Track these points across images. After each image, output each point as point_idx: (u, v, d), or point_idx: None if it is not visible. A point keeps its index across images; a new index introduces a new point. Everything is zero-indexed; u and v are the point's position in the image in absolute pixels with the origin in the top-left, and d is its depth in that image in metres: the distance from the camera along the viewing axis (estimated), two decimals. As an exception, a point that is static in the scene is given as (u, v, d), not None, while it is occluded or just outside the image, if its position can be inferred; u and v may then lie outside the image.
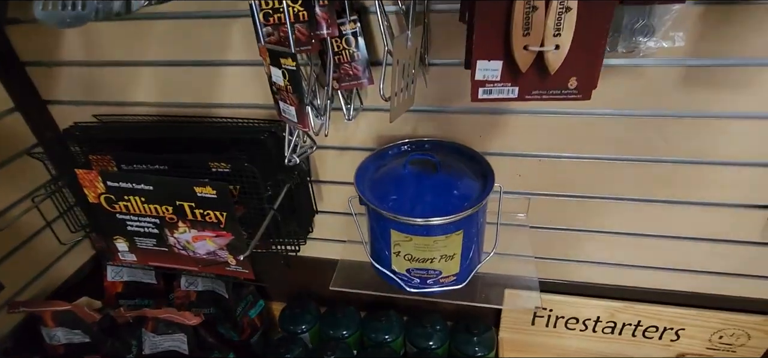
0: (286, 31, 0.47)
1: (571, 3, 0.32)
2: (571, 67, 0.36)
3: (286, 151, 0.61)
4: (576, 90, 0.37)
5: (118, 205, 0.74)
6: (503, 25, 0.34)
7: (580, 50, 0.35)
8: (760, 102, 0.58)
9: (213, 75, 0.74)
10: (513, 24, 0.34)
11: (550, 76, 0.37)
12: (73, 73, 0.80)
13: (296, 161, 0.63)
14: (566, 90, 0.37)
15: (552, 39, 0.34)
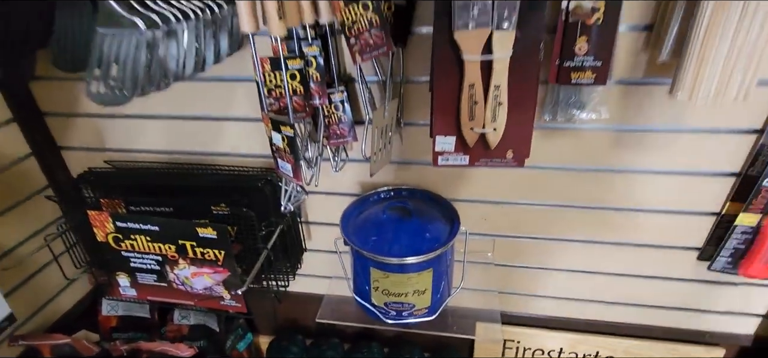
0: (285, 102, 0.58)
1: (502, 99, 0.44)
2: (507, 143, 0.47)
3: (283, 201, 0.71)
4: (513, 160, 0.49)
5: (125, 243, 0.82)
6: (455, 112, 0.46)
7: (513, 131, 0.46)
8: (670, 161, 0.71)
9: (216, 128, 0.84)
10: (461, 112, 0.45)
11: (491, 149, 0.48)
12: (87, 122, 0.89)
13: (291, 209, 0.73)
14: (504, 160, 0.48)
15: (490, 123, 0.45)
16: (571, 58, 0.59)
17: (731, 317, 0.87)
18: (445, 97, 0.46)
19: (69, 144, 0.93)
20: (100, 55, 0.47)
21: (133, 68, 0.47)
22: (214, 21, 0.60)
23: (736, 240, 0.73)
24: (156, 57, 0.48)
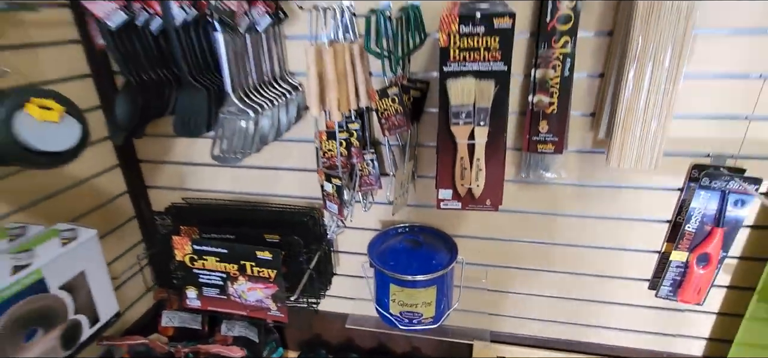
0: (335, 162, 0.83)
1: (481, 166, 0.68)
2: (486, 194, 0.71)
3: (329, 232, 0.95)
4: (491, 206, 0.72)
5: (197, 262, 1.05)
6: (451, 173, 0.70)
7: (490, 187, 0.70)
8: (619, 210, 0.94)
9: (273, 175, 1.10)
10: (455, 174, 0.69)
11: (477, 198, 0.71)
12: (170, 168, 1.16)
13: (334, 237, 0.97)
14: (485, 206, 0.72)
15: (474, 182, 0.69)
16: (536, 135, 0.84)
17: (681, 339, 1.06)
18: (445, 163, 0.71)
19: (154, 184, 1.19)
20: (222, 130, 0.73)
21: (242, 139, 0.73)
22: (287, 103, 0.87)
23: (673, 272, 0.94)
24: (257, 131, 0.74)
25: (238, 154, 0.74)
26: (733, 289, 0.96)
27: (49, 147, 0.68)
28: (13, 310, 0.71)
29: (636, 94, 0.74)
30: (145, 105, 0.91)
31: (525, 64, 0.85)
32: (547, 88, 0.81)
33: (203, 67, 0.86)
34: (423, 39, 0.85)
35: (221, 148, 0.75)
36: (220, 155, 0.74)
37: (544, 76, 0.80)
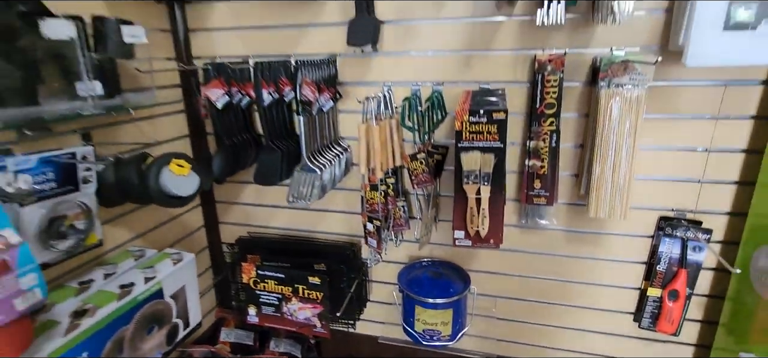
0: (375, 207, 1.10)
1: (486, 214, 0.92)
2: (490, 235, 0.95)
3: (369, 262, 1.20)
4: (493, 244, 0.96)
5: (260, 285, 1.31)
6: (464, 218, 0.95)
7: (492, 229, 0.94)
8: (604, 252, 1.16)
9: (321, 216, 1.37)
10: (467, 219, 0.94)
11: (483, 237, 0.95)
12: (239, 208, 1.45)
13: (372, 265, 1.21)
14: (489, 244, 0.96)
15: (481, 225, 0.93)
16: (532, 190, 1.09)
17: (666, 367, 1.22)
18: (458, 211, 0.96)
19: (225, 220, 1.48)
20: (297, 182, 1.02)
21: (311, 189, 1.01)
22: (340, 161, 1.15)
23: (651, 306, 1.13)
24: (321, 183, 1.02)
25: (307, 200, 1.01)
26: (703, 323, 1.14)
27: (180, 193, 0.97)
28: (144, 309, 0.98)
29: (604, 161, 0.98)
30: (234, 161, 1.21)
31: (522, 136, 1.11)
32: (539, 156, 1.06)
33: (279, 134, 1.16)
34: (443, 116, 1.13)
35: (295, 195, 1.03)
36: (294, 200, 1.01)
37: (536, 146, 1.06)
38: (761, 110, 0.95)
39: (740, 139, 0.99)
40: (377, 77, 1.17)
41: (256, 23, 1.21)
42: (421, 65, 1.13)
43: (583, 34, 1.00)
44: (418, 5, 1.08)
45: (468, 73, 1.10)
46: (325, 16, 1.15)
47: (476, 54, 1.09)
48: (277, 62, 1.14)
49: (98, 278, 1.00)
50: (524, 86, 1.08)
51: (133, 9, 1.12)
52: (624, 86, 0.92)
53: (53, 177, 0.85)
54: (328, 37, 1.17)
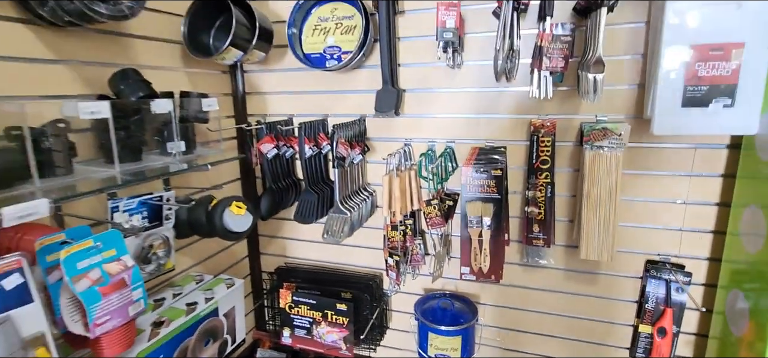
0: (395, 244, 1.29)
1: (487, 252, 1.10)
2: (491, 271, 1.12)
3: (389, 292, 1.38)
4: (494, 279, 1.13)
5: (294, 309, 1.52)
6: (469, 257, 1.12)
7: (493, 266, 1.11)
8: (601, 291, 1.29)
9: (348, 250, 1.57)
10: (471, 256, 1.11)
11: (485, 273, 1.12)
12: (277, 241, 1.67)
13: (391, 295, 1.40)
14: (490, 279, 1.13)
15: (483, 262, 1.11)
16: (531, 233, 1.26)
17: (662, 401, 1.32)
18: (465, 250, 1.15)
19: (265, 251, 1.71)
20: (330, 222, 1.23)
21: (342, 228, 1.22)
22: (366, 204, 1.36)
23: (643, 341, 1.25)
24: (351, 223, 1.23)
25: (339, 237, 1.22)
26: (694, 359, 1.25)
27: (238, 229, 1.20)
28: (204, 324, 1.20)
29: (591, 211, 1.15)
30: (278, 202, 1.45)
31: (522, 186, 1.29)
32: (536, 203, 1.24)
33: (316, 180, 1.39)
34: (455, 168, 1.33)
35: (328, 233, 1.24)
36: (328, 237, 1.23)
37: (534, 195, 1.24)
38: (727, 169, 1.10)
39: (713, 194, 1.13)
40: (399, 134, 1.39)
41: (300, 89, 1.47)
42: (436, 125, 1.35)
43: (570, 103, 1.20)
44: (432, 77, 1.31)
45: (475, 133, 1.31)
46: (357, 84, 1.40)
47: (482, 117, 1.30)
48: (317, 121, 1.39)
49: (168, 297, 1.23)
50: (523, 144, 1.27)
51: (205, 78, 1.40)
52: (604, 148, 1.10)
53: (146, 215, 1.10)
54: (359, 101, 1.41)
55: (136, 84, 1.01)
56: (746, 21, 0.91)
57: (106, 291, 0.83)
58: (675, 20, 0.95)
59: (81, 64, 1.02)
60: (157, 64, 1.23)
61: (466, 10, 1.23)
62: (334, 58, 1.32)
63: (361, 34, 1.27)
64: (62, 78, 0.99)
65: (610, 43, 1.12)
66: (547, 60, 1.07)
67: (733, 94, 0.94)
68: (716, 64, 0.94)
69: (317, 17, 1.34)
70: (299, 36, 1.35)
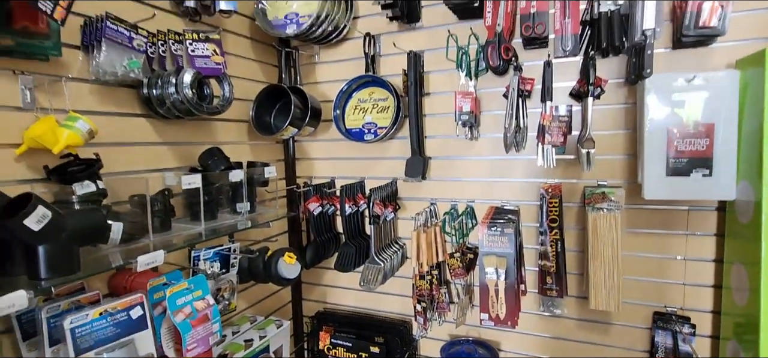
0: (423, 292, 1.47)
1: (503, 302, 1.25)
2: (507, 319, 1.27)
3: (417, 336, 1.55)
4: (511, 325, 1.27)
5: (332, 351, 1.69)
6: (487, 304, 1.29)
7: (509, 313, 1.26)
8: (613, 340, 1.40)
9: (382, 297, 1.75)
10: (489, 305, 1.27)
11: (502, 319, 1.27)
12: (316, 287, 1.88)
13: (418, 338, 1.56)
14: (506, 324, 1.27)
15: (501, 310, 1.27)
16: (545, 285, 1.41)
17: None
18: (484, 298, 1.31)
19: (307, 297, 1.92)
20: (366, 272, 1.44)
21: (376, 277, 1.42)
22: (397, 255, 1.56)
23: (657, 390, 1.33)
24: (384, 272, 1.43)
25: (374, 285, 1.42)
26: (708, 409, 1.31)
27: (289, 276, 1.43)
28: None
29: (596, 265, 1.29)
30: (321, 253, 1.68)
31: (535, 243, 1.46)
32: (548, 258, 1.40)
33: (354, 234, 1.62)
34: (474, 224, 1.52)
35: (364, 282, 1.44)
36: (364, 285, 1.43)
37: (545, 251, 1.40)
38: (719, 229, 1.24)
39: (709, 251, 1.26)
40: (426, 195, 1.61)
41: (341, 155, 1.74)
42: (458, 187, 1.56)
43: (574, 170, 1.39)
44: (454, 147, 1.54)
45: (492, 194, 1.51)
46: (390, 152, 1.65)
47: (497, 181, 1.50)
48: (355, 183, 1.64)
49: (229, 334, 1.45)
50: (535, 204, 1.45)
51: (264, 148, 1.70)
52: (603, 210, 1.27)
53: (218, 263, 1.35)
54: (391, 165, 1.66)
55: (219, 159, 1.30)
56: (715, 104, 1.10)
57: (195, 323, 1.06)
58: (654, 106, 1.14)
59: (178, 144, 1.33)
60: (230, 140, 1.54)
61: (481, 93, 1.47)
62: (371, 133, 1.59)
63: (393, 112, 1.54)
64: (165, 155, 1.30)
65: (604, 119, 1.32)
66: (549, 136, 1.28)
67: (709, 165, 1.11)
68: (692, 141, 1.11)
69: (358, 99, 1.62)
70: (342, 115, 1.63)
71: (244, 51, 1.60)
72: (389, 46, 1.59)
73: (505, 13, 1.31)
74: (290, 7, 1.52)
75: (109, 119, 1.13)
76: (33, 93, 0.96)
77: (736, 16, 1.15)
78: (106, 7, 1.08)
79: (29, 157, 0.96)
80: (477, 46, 1.44)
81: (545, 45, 1.36)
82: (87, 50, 1.04)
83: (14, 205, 0.78)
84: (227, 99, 1.29)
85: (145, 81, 1.16)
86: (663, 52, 1.24)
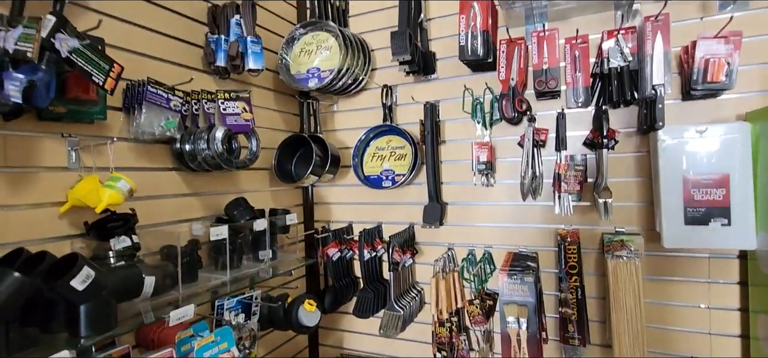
0: (443, 340, 1.47)
1: (525, 349, 1.25)
2: None
3: (435, 383, 1.53)
4: (535, 375, 1.27)
5: (350, 399, 1.67)
6: (509, 351, 1.28)
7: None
8: (638, 390, 1.37)
9: (400, 343, 1.74)
10: (511, 354, 1.27)
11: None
12: (333, 333, 1.88)
13: (437, 388, 1.54)
14: (531, 375, 1.27)
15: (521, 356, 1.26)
16: (567, 333, 1.40)
17: None
18: (505, 346, 1.30)
19: (324, 342, 1.91)
20: (386, 319, 1.45)
21: (396, 325, 1.43)
22: (416, 301, 1.57)
23: None
24: (403, 319, 1.44)
25: (394, 333, 1.42)
26: None
27: (310, 324, 1.44)
28: (279, 408, 1.39)
29: (619, 313, 1.29)
30: (340, 298, 1.69)
31: (555, 289, 1.46)
32: (569, 305, 1.39)
33: (373, 279, 1.63)
34: (493, 270, 1.53)
35: (384, 329, 1.45)
36: (384, 332, 1.43)
37: (566, 298, 1.40)
38: (742, 277, 1.23)
39: (733, 299, 1.25)
40: (443, 240, 1.63)
41: (359, 200, 1.78)
42: (475, 233, 1.58)
43: (591, 216, 1.41)
44: (470, 193, 1.58)
45: (509, 240, 1.53)
46: (407, 197, 1.69)
47: (515, 226, 1.52)
48: (373, 228, 1.67)
49: (249, 382, 1.45)
50: (553, 250, 1.46)
51: (284, 193, 1.75)
52: (623, 258, 1.28)
53: (241, 311, 1.37)
54: (408, 211, 1.69)
55: (244, 210, 1.35)
56: (728, 155, 1.12)
57: (221, 375, 1.08)
58: (667, 157, 1.17)
59: (206, 195, 1.38)
60: (252, 188, 1.59)
61: (496, 140, 1.52)
62: (389, 179, 1.63)
63: (411, 159, 1.58)
64: (192, 205, 1.35)
65: (618, 167, 1.35)
66: (565, 184, 1.31)
67: (728, 215, 1.12)
68: (708, 191, 1.13)
69: (375, 147, 1.68)
70: (361, 163, 1.69)
71: (267, 102, 1.68)
72: (405, 96, 1.66)
73: (518, 68, 1.37)
74: (312, 62, 1.61)
75: (145, 174, 1.19)
76: (78, 153, 1.02)
77: (744, 69, 1.19)
78: (146, 70, 1.16)
79: (71, 214, 1.01)
80: (492, 98, 1.50)
81: (557, 96, 1.41)
82: (128, 111, 1.12)
83: (60, 265, 0.83)
84: (254, 153, 1.35)
85: (178, 137, 1.22)
86: (673, 103, 1.28)
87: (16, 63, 0.77)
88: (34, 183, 0.96)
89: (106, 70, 0.90)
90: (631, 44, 1.26)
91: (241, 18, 1.34)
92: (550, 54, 1.35)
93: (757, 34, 1.19)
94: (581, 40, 1.34)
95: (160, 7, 1.25)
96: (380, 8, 1.70)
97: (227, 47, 1.33)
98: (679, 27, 1.27)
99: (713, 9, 1.25)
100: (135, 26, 1.17)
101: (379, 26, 1.71)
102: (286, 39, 1.66)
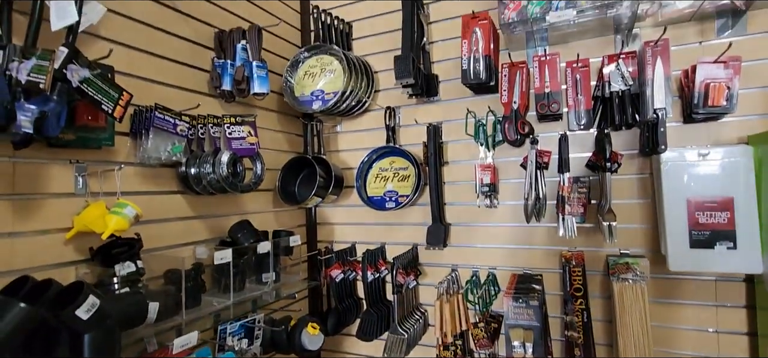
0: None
1: None
2: None
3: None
4: (542, 401, 1.25)
5: (353, 424, 1.64)
6: (516, 378, 1.27)
7: (540, 389, 1.24)
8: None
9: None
10: None
11: (532, 395, 1.25)
12: (335, 356, 1.85)
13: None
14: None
15: (530, 385, 1.25)
16: (573, 356, 1.38)
17: None
18: (512, 371, 1.29)
19: (326, 365, 1.89)
20: (390, 343, 1.43)
21: (400, 349, 1.41)
22: (419, 323, 1.56)
23: None
24: (408, 343, 1.42)
25: (397, 356, 1.41)
26: None
27: (313, 348, 1.42)
28: None
29: (626, 337, 1.27)
30: (343, 320, 1.67)
31: (560, 311, 1.45)
32: (574, 328, 1.38)
33: (376, 301, 1.62)
34: (497, 292, 1.52)
35: (388, 353, 1.43)
36: (388, 356, 1.42)
37: (571, 320, 1.39)
38: (749, 301, 1.22)
39: (741, 323, 1.24)
40: (447, 261, 1.62)
41: (362, 221, 1.78)
42: (479, 254, 1.57)
43: (595, 238, 1.40)
44: (474, 214, 1.58)
45: (513, 261, 1.52)
46: (410, 218, 1.69)
47: (519, 248, 1.51)
48: (376, 249, 1.67)
49: (251, 407, 1.43)
50: (557, 272, 1.46)
51: (287, 214, 1.75)
52: (629, 281, 1.27)
53: (244, 335, 1.36)
54: (411, 232, 1.68)
55: (248, 233, 1.35)
56: (732, 178, 1.13)
57: (224, 403, 1.06)
58: (670, 180, 1.18)
59: (210, 217, 1.39)
60: (256, 210, 1.60)
61: (499, 162, 1.53)
62: (392, 200, 1.64)
63: (415, 181, 1.59)
64: (197, 228, 1.35)
65: (621, 189, 1.35)
66: (569, 206, 1.30)
67: (733, 238, 1.12)
68: (712, 214, 1.13)
69: (378, 168, 1.69)
70: (364, 184, 1.69)
71: (271, 123, 1.70)
72: (408, 117, 1.67)
73: (520, 91, 1.39)
74: (316, 84, 1.63)
75: (150, 198, 1.20)
76: (85, 179, 1.03)
77: (745, 93, 1.21)
78: (153, 95, 1.18)
79: (76, 239, 1.01)
80: (494, 120, 1.51)
81: (559, 119, 1.42)
82: (135, 137, 1.13)
83: (64, 293, 0.83)
84: (259, 176, 1.35)
85: (184, 161, 1.23)
86: (675, 126, 1.29)
87: (29, 94, 0.78)
88: (41, 209, 0.96)
89: (115, 98, 0.91)
90: (632, 68, 1.27)
91: (248, 43, 1.37)
92: (551, 77, 1.37)
93: (757, 58, 1.21)
94: (582, 64, 1.36)
95: (167, 34, 1.27)
96: (384, 31, 1.73)
97: (233, 72, 1.35)
98: (678, 51, 1.28)
99: (712, 33, 1.27)
100: (143, 52, 1.19)
101: (382, 49, 1.73)
102: (290, 62, 1.68)
